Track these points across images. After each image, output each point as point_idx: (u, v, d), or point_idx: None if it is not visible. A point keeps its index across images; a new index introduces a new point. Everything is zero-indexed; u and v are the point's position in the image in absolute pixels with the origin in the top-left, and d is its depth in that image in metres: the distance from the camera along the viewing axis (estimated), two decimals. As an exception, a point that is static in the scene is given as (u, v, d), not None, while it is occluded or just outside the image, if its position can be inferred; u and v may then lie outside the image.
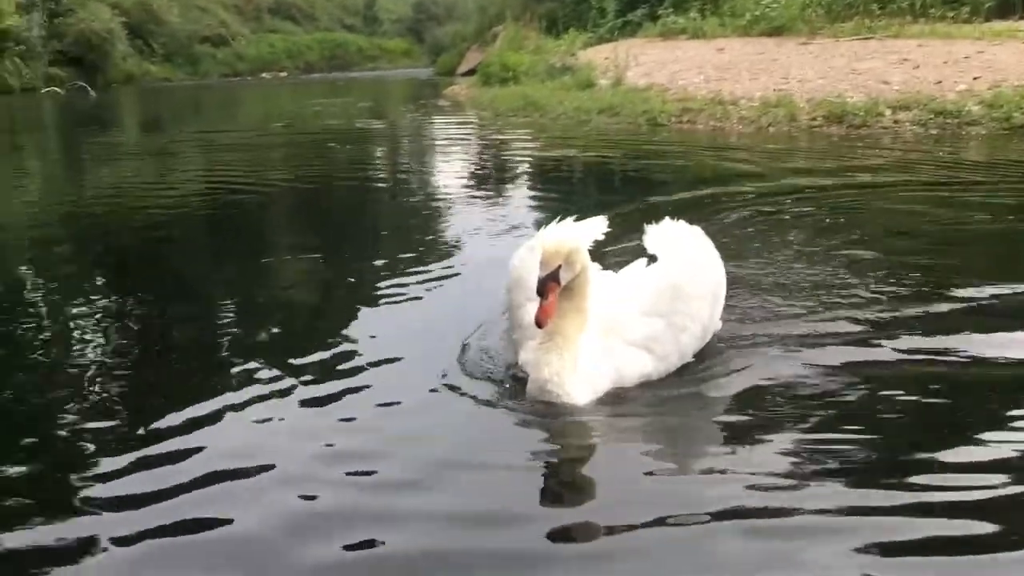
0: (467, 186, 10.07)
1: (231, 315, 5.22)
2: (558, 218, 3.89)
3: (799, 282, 5.18)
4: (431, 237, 7.19)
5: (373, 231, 7.88)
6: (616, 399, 3.66)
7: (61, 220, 8.78)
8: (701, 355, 3.97)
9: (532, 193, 9.53)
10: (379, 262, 6.16)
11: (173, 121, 23.87)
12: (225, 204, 9.35)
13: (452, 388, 3.77)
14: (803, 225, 6.79)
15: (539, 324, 3.45)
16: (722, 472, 3.08)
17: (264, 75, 58.28)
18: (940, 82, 13.47)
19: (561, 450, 3.39)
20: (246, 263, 6.52)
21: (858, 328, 4.40)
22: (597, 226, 4.10)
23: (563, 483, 3.17)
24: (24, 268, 6.66)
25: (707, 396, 3.74)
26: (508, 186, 10.14)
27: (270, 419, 3.56)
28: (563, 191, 9.63)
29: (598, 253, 5.60)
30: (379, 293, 5.29)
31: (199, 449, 3.31)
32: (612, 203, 7.89)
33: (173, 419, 3.59)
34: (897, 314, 4.58)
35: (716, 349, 4.10)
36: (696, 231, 4.22)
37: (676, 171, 10.30)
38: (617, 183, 10.00)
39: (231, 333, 4.82)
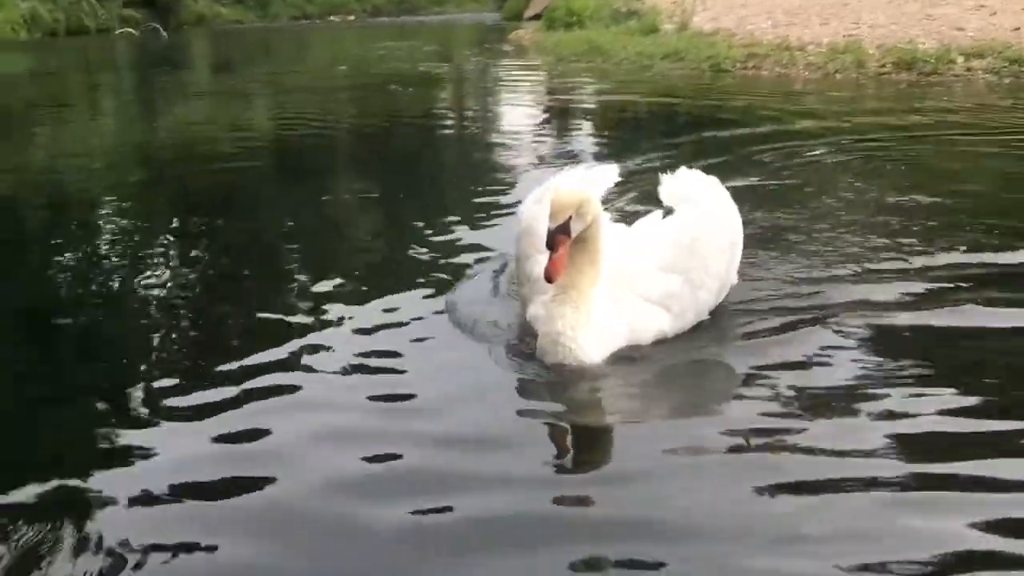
0: (528, 129, 10.14)
1: (294, 257, 5.35)
2: (568, 168, 3.67)
3: (843, 234, 4.96)
4: (491, 179, 7.30)
5: (434, 173, 8.01)
6: (630, 358, 3.49)
7: (134, 159, 9.12)
8: (720, 311, 3.82)
9: (593, 137, 9.59)
10: (439, 206, 6.27)
11: (243, 63, 24.22)
12: (292, 144, 9.60)
13: (477, 344, 3.67)
14: (860, 173, 6.70)
15: (549, 279, 3.29)
16: (751, 436, 2.92)
17: (332, 18, 58.44)
18: (1018, 28, 13.05)
19: (574, 412, 3.27)
20: (311, 203, 6.69)
21: (903, 285, 4.16)
22: (609, 175, 3.91)
23: (578, 447, 3.07)
24: (97, 206, 6.93)
25: (726, 356, 3.60)
26: (569, 129, 10.20)
27: (318, 368, 3.54)
28: (623, 135, 9.67)
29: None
30: (436, 239, 5.33)
31: (249, 397, 3.32)
32: (669, 147, 7.94)
33: (229, 363, 3.62)
34: (948, 272, 4.32)
35: (741, 304, 3.93)
36: (713, 181, 4.00)
37: (736, 116, 10.21)
38: (676, 128, 9.96)
39: (293, 276, 4.93)
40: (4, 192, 7.13)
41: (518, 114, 11.82)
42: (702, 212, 3.78)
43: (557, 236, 3.25)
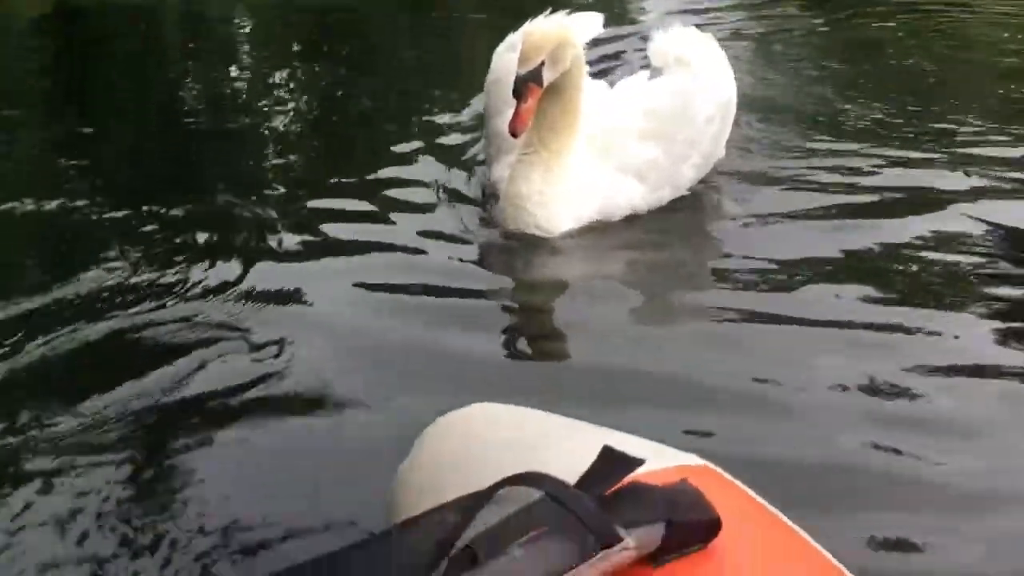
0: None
1: (399, 92, 5.35)
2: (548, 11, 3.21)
3: (895, 107, 4.56)
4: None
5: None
6: (598, 232, 3.22)
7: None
8: (704, 187, 3.55)
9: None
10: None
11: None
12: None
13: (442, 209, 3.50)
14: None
15: (513, 133, 2.90)
16: (712, 317, 2.75)
17: None
18: None
19: (537, 291, 3.06)
20: (433, 41, 6.70)
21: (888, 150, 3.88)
22: (592, 22, 3.39)
23: (539, 327, 2.87)
24: (232, 37, 7.16)
25: (702, 237, 3.43)
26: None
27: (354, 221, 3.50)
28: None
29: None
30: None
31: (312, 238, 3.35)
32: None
33: (324, 198, 3.70)
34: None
35: (727, 179, 3.65)
36: (708, 40, 3.55)
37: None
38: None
39: (389, 121, 4.92)
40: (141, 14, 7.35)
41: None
42: (692, 77, 3.37)
43: (526, 84, 2.87)
